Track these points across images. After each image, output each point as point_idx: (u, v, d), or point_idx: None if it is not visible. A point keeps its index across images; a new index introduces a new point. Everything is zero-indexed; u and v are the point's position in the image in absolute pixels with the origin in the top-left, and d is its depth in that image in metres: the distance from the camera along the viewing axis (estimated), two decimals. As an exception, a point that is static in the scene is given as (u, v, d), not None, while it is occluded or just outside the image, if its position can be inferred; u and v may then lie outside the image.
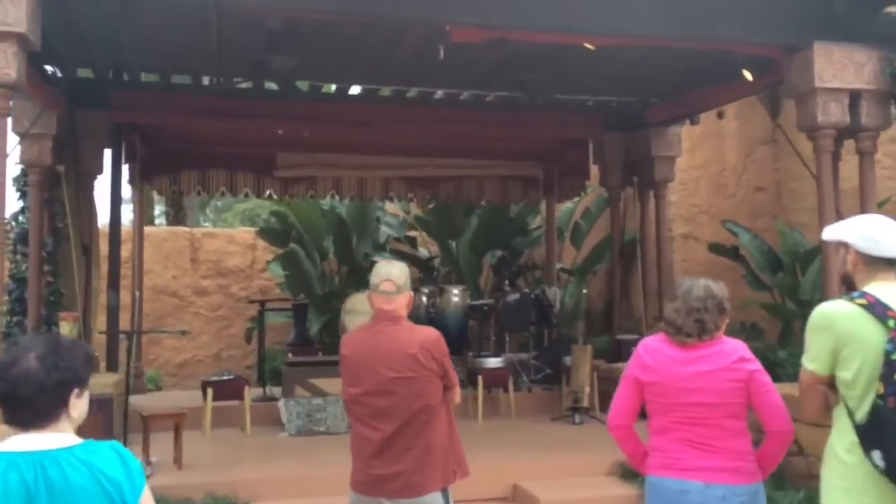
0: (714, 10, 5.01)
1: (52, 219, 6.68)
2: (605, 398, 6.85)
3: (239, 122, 7.22)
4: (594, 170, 8.49)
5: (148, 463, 4.88)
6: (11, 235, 6.78)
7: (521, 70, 6.37)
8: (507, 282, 8.07)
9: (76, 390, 1.74)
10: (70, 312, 6.50)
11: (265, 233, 10.02)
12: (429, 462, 2.91)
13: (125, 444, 3.89)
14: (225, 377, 6.44)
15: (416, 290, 8.11)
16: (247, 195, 8.66)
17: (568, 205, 10.32)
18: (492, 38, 4.93)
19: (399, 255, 10.06)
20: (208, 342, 10.87)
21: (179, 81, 7.26)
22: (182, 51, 6.10)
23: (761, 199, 9.79)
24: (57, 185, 6.68)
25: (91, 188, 6.94)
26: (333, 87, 7.56)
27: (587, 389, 6.91)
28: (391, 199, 9.15)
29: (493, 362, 7.35)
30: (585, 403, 6.89)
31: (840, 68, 5.09)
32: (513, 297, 7.77)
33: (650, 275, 8.25)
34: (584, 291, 9.21)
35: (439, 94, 7.60)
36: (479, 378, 7.11)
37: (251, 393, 6.65)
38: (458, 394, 3.16)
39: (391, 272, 3.07)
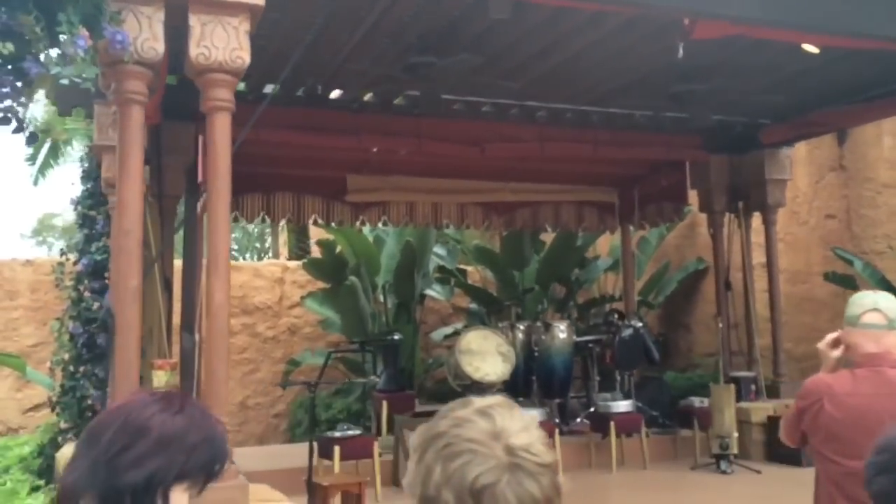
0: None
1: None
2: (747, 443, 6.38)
3: (334, 137, 6.33)
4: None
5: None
6: (77, 267, 5.69)
7: (672, 82, 5.79)
8: (616, 316, 7.37)
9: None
10: (167, 360, 5.41)
11: (311, 266, 9.02)
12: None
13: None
14: (349, 432, 5.47)
15: (512, 326, 7.35)
16: (315, 222, 7.69)
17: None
18: (730, 35, 4.29)
19: (464, 289, 9.28)
20: (233, 388, 9.66)
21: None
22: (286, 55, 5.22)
23: (832, 226, 9.49)
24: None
25: (174, 213, 5.88)
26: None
27: (735, 434, 6.26)
28: (467, 226, 8.34)
29: (624, 406, 6.62)
30: (735, 450, 6.24)
31: None
32: (627, 332, 7.09)
33: (746, 305, 7.74)
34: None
35: (542, 112, 6.93)
36: (612, 424, 6.38)
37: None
38: None
39: (878, 301, 2.34)
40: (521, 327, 7.34)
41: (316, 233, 13.84)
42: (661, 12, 4.09)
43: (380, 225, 7.94)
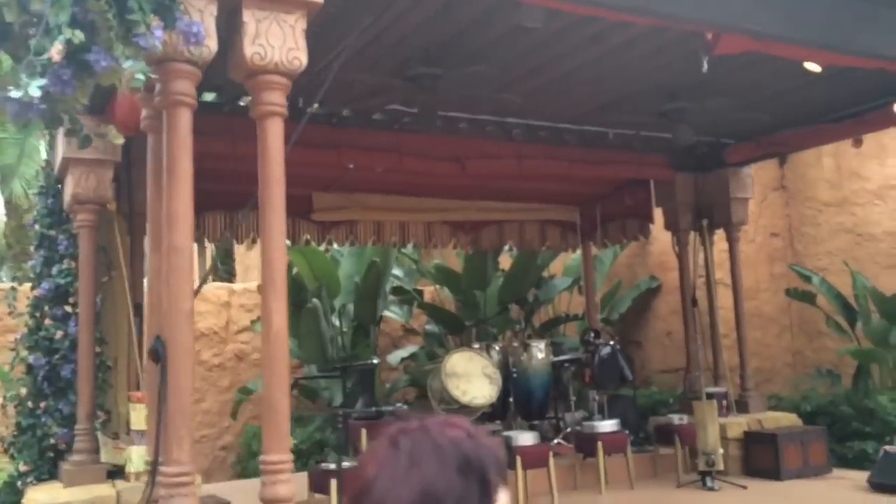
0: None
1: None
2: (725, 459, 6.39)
3: (311, 152, 6.01)
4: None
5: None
6: (35, 293, 5.17)
7: (660, 101, 5.83)
8: (592, 334, 7.31)
9: None
10: (145, 392, 4.95)
11: (265, 288, 8.58)
12: None
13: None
14: (346, 464, 5.13)
15: (487, 346, 7.18)
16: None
17: (577, 254, 9.84)
18: (748, 51, 4.32)
19: (427, 310, 9.06)
20: (176, 421, 9.10)
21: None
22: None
23: (777, 244, 9.82)
24: (102, 227, 5.15)
25: (143, 232, 5.41)
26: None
27: (720, 451, 6.29)
28: (434, 246, 8.14)
29: (609, 425, 6.54)
30: (721, 466, 6.26)
31: None
32: (605, 351, 7.04)
33: (712, 322, 7.86)
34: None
35: (517, 129, 6.84)
36: (599, 444, 6.29)
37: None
38: None
39: None
40: (497, 347, 7.19)
41: (240, 254, 13.32)
42: (688, 25, 4.06)
43: (346, 245, 7.64)
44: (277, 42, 2.81)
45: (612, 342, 7.24)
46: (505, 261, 9.51)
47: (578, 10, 3.77)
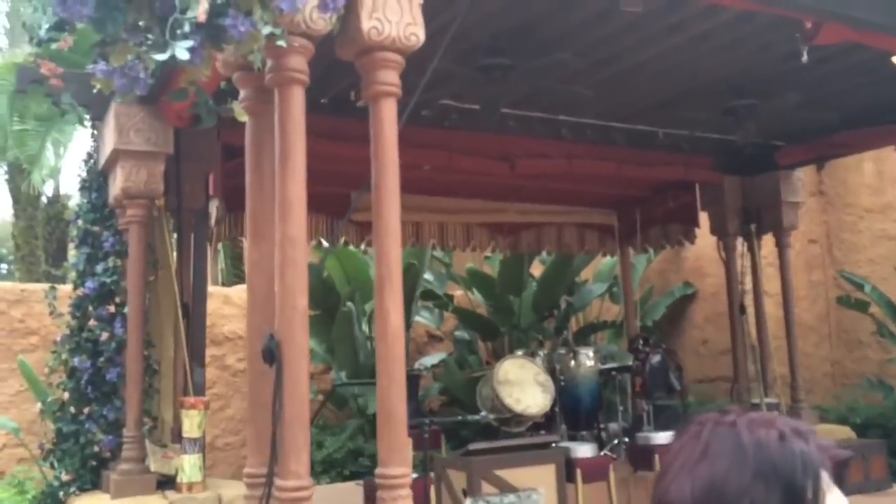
0: None
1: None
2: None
3: (352, 148, 5.77)
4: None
5: None
6: (78, 292, 4.92)
7: (725, 97, 5.61)
8: (641, 341, 7.07)
9: None
10: (199, 398, 4.69)
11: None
12: None
13: None
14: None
15: (532, 353, 6.93)
16: (319, 243, 7.06)
17: (607, 259, 9.62)
18: (851, 42, 4.10)
19: (460, 315, 8.81)
20: (200, 428, 8.81)
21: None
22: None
23: (814, 251, 9.62)
24: (149, 224, 4.90)
25: (192, 229, 5.16)
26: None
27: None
28: (473, 248, 7.90)
29: (664, 437, 6.29)
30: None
31: None
32: (656, 358, 6.80)
33: (759, 330, 7.64)
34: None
35: (565, 128, 6.61)
36: (656, 457, 6.05)
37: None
38: None
39: None
40: (541, 354, 6.94)
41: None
42: (792, 13, 3.84)
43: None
44: (395, 16, 2.58)
45: (661, 350, 7.01)
46: (535, 268, 9.30)
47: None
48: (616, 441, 6.76)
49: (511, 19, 4.29)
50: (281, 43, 1.97)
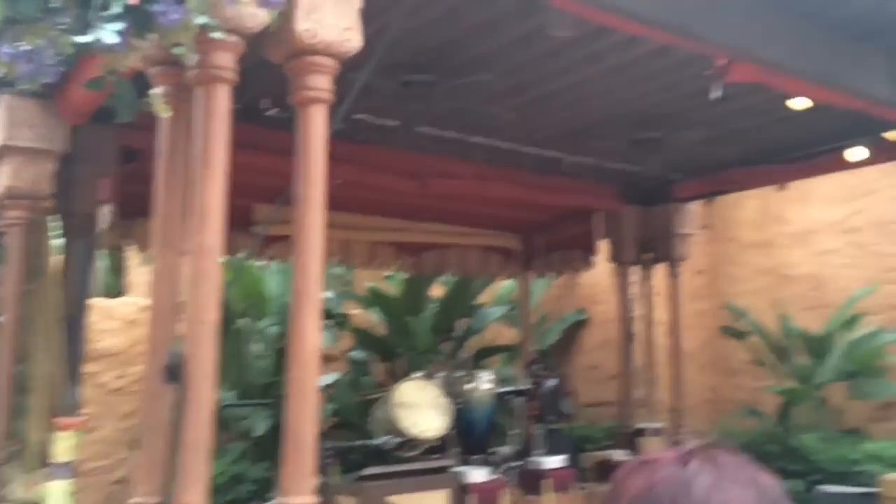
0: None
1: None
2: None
3: (258, 157, 5.52)
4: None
5: None
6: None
7: (635, 129, 5.75)
8: (539, 365, 7.09)
9: None
10: (74, 418, 4.29)
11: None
12: None
13: None
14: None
15: (430, 375, 6.82)
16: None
17: (506, 283, 9.70)
18: (758, 82, 4.26)
19: (358, 335, 8.59)
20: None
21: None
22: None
23: (700, 281, 10.02)
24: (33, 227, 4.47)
25: (85, 234, 4.74)
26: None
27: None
28: (378, 267, 7.73)
29: (556, 461, 6.31)
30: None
31: None
32: (551, 382, 6.84)
33: (649, 356, 7.86)
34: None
35: (477, 150, 6.60)
36: (546, 481, 6.05)
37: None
38: None
39: None
40: (439, 376, 6.84)
41: (134, 269, 12.35)
42: (712, 48, 3.95)
43: (288, 262, 7.11)
44: (332, 20, 2.43)
45: (557, 374, 7.07)
46: (436, 289, 9.23)
47: (620, 26, 3.58)
48: (507, 465, 6.73)
49: (438, 36, 4.21)
50: (217, 35, 1.78)
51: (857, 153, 5.95)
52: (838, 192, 8.89)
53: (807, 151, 6.42)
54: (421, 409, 5.93)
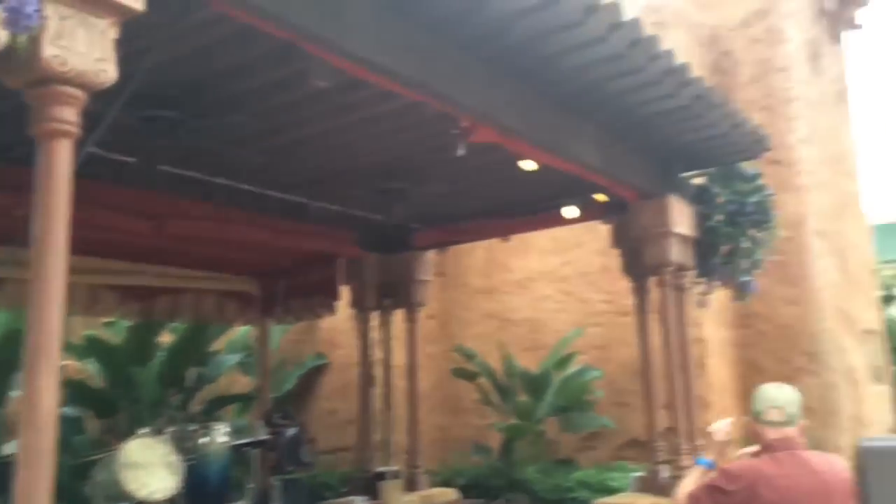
0: (621, 151, 5.63)
1: None
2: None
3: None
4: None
5: None
6: None
7: (381, 179, 5.93)
8: (276, 414, 6.87)
9: None
10: None
11: None
12: None
13: None
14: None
15: (160, 431, 6.34)
16: None
17: (241, 329, 9.40)
18: (496, 143, 4.62)
19: (72, 388, 7.71)
20: None
21: None
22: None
23: (432, 325, 10.46)
24: None
25: None
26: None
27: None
28: (98, 313, 6.99)
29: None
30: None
31: (681, 217, 6.17)
32: (291, 432, 6.67)
33: (387, 401, 8.03)
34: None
35: (220, 192, 6.35)
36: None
37: None
38: None
39: (777, 399, 2.73)
40: (170, 431, 6.37)
41: None
42: (459, 111, 4.21)
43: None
44: (84, 47, 2.21)
45: (296, 423, 6.93)
46: (165, 336, 8.64)
47: (378, 81, 3.67)
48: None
49: (189, 73, 4.01)
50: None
51: (571, 211, 6.66)
52: (551, 245, 9.87)
53: (531, 207, 7.05)
54: (149, 468, 5.47)
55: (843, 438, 9.01)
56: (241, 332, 9.38)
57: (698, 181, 6.52)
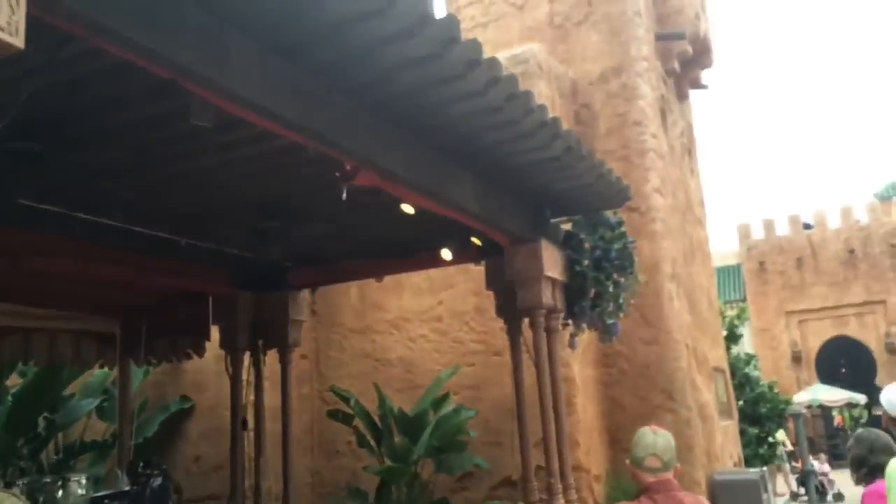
0: (497, 197, 5.81)
1: None
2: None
3: None
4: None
5: None
6: None
7: (257, 217, 5.82)
8: (142, 464, 6.48)
9: None
10: None
11: None
12: None
13: None
14: None
15: (9, 484, 5.87)
16: None
17: (98, 371, 8.87)
18: (378, 187, 4.65)
19: None
20: None
21: None
22: None
23: (304, 366, 10.25)
24: None
25: None
26: None
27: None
28: (-62, 357, 6.38)
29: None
30: None
31: (552, 262, 6.42)
32: (157, 482, 6.32)
33: (258, 445, 7.79)
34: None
35: (80, 227, 6.02)
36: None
37: None
38: None
39: (656, 445, 2.89)
40: (21, 484, 5.89)
41: None
42: (342, 155, 4.22)
43: None
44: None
45: (162, 471, 6.58)
46: (13, 380, 8.02)
47: (258, 122, 3.62)
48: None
49: (55, 104, 3.81)
50: None
51: (448, 253, 6.78)
52: (425, 285, 9.97)
53: (409, 249, 7.11)
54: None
55: (698, 473, 9.54)
56: (98, 374, 8.83)
57: (566, 227, 6.81)
